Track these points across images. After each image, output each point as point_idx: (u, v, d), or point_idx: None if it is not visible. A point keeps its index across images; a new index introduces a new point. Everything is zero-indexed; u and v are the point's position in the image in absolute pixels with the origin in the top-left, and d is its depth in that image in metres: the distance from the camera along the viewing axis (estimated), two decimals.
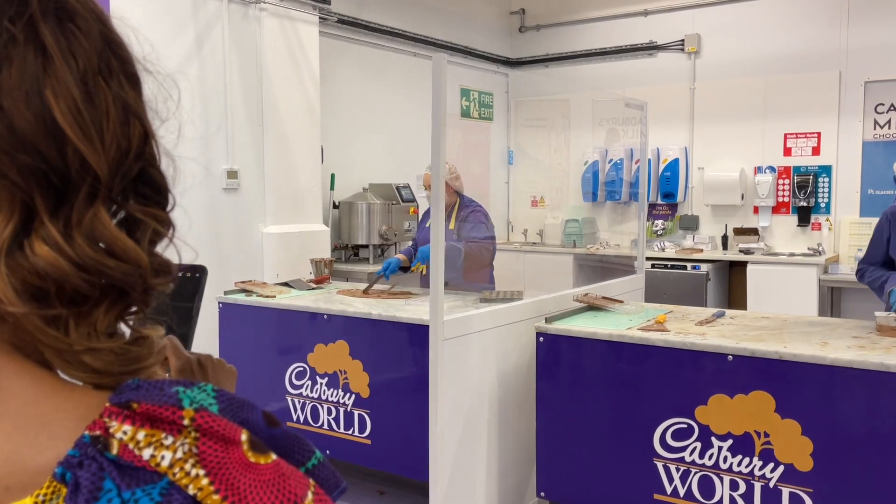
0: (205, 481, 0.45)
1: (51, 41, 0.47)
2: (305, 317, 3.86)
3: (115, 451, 0.45)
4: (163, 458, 0.45)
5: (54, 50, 0.47)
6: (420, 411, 3.39)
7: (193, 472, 0.45)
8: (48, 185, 0.47)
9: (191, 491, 0.44)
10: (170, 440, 0.45)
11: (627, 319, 3.30)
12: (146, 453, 0.45)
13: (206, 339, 4.77)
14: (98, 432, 0.45)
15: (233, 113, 5.03)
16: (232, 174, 5.03)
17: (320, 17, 5.64)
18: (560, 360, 3.17)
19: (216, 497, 0.45)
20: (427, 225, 4.50)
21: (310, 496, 0.48)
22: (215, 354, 3.45)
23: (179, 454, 0.45)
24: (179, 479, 0.44)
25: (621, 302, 3.60)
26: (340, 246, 6.10)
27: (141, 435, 0.45)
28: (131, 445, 0.45)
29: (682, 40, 7.25)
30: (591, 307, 3.55)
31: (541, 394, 3.22)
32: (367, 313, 3.61)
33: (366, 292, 4.25)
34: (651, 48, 7.43)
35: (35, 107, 0.46)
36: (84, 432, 0.45)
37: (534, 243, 7.95)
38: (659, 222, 7.44)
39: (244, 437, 0.47)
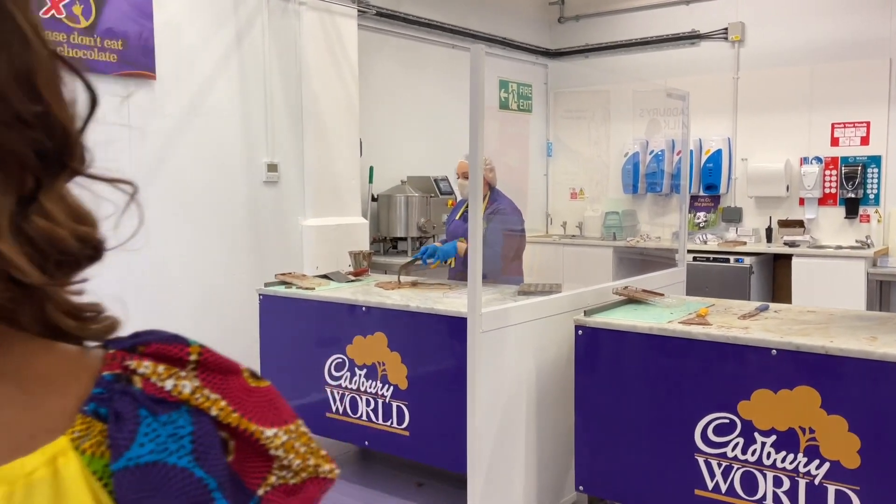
0: (223, 403, 0.51)
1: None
2: (344, 309, 3.89)
3: (139, 384, 0.50)
4: (184, 386, 0.51)
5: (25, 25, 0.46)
6: (458, 403, 3.39)
7: (213, 396, 0.51)
8: (37, 156, 0.48)
9: (213, 412, 0.51)
10: (184, 372, 0.52)
11: (668, 313, 3.26)
12: (168, 384, 0.50)
13: (246, 330, 4.84)
14: (118, 371, 0.51)
15: (272, 107, 5.08)
16: (272, 167, 5.08)
17: (359, 11, 5.66)
18: (599, 354, 3.14)
19: (235, 415, 0.52)
20: (456, 218, 4.49)
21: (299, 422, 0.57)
22: (256, 346, 3.51)
23: (197, 383, 0.51)
24: (202, 404, 0.50)
25: (662, 295, 3.55)
26: (379, 238, 6.13)
27: (161, 368, 0.51)
28: (154, 378, 0.51)
29: (726, 29, 7.11)
30: (631, 300, 3.51)
31: (579, 387, 3.19)
32: (405, 305, 3.62)
33: (399, 276, 4.27)
34: (693, 37, 7.30)
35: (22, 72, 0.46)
36: (102, 372, 0.50)
37: (573, 236, 7.89)
38: (701, 214, 7.32)
39: (243, 367, 0.55)
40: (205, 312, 4.75)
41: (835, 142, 6.62)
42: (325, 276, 4.51)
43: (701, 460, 2.88)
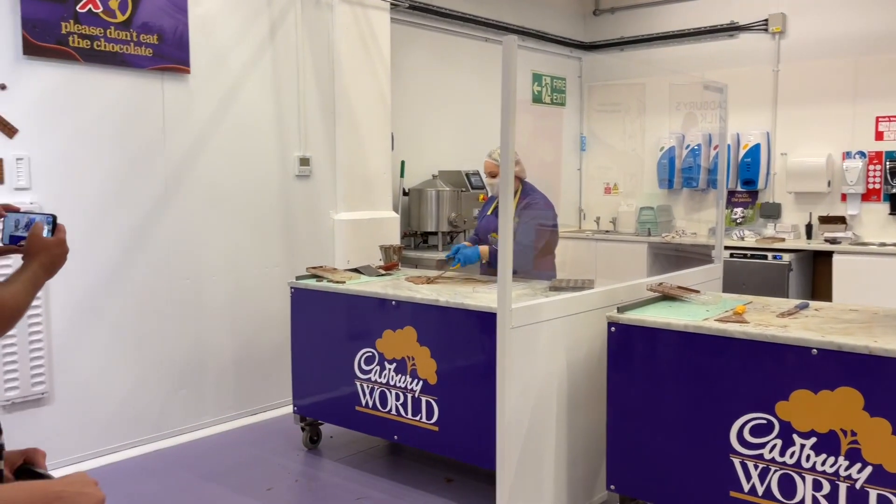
0: None
1: None
2: (374, 303, 3.87)
3: None
4: None
5: None
6: (488, 399, 3.36)
7: None
8: None
9: None
10: None
11: (704, 310, 3.18)
12: None
13: (278, 322, 4.87)
14: None
15: (305, 100, 5.09)
16: (304, 161, 5.09)
17: (392, 4, 5.63)
18: (632, 351, 3.08)
19: None
20: (489, 213, 4.45)
21: None
22: (287, 338, 3.53)
23: None
24: None
25: (697, 292, 3.47)
26: (410, 233, 6.11)
27: None
28: None
29: (766, 20, 6.94)
30: (666, 297, 3.43)
31: (612, 385, 3.13)
32: (435, 300, 3.59)
33: (443, 273, 4.26)
34: (732, 29, 7.14)
35: None
36: None
37: (606, 231, 7.79)
38: (738, 210, 7.17)
39: None
40: (237, 305, 4.78)
41: (879, 136, 6.43)
42: (355, 270, 4.50)
43: (737, 461, 2.80)
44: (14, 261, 1.66)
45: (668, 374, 2.98)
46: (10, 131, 3.79)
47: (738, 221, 7.12)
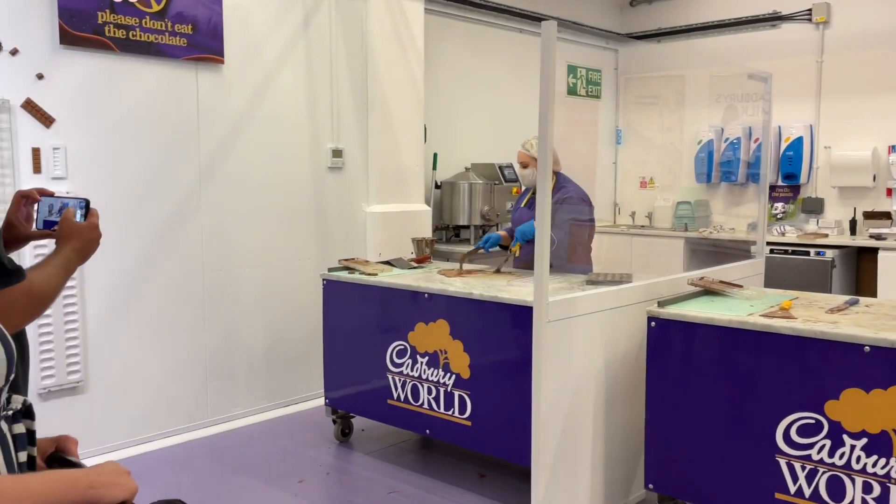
0: None
1: None
2: (407, 295, 3.82)
3: None
4: None
5: None
6: (522, 394, 3.29)
7: None
8: None
9: None
10: None
11: (748, 305, 3.07)
12: None
13: (310, 314, 4.84)
14: None
15: (338, 91, 5.05)
16: (337, 153, 5.05)
17: None
18: (673, 347, 2.98)
19: None
20: (522, 205, 4.36)
21: None
22: (318, 330, 3.50)
23: None
24: None
25: (741, 287, 3.36)
26: (441, 226, 6.05)
27: None
28: None
29: (810, 10, 6.75)
30: (708, 292, 3.33)
31: (651, 381, 3.04)
32: (469, 293, 3.53)
33: (461, 264, 4.18)
34: (774, 19, 6.96)
35: None
36: None
37: (642, 226, 7.65)
38: (779, 205, 6.99)
39: None
40: (270, 296, 4.77)
41: None
42: (387, 263, 4.45)
43: (783, 462, 2.70)
44: (50, 245, 1.63)
45: (711, 370, 2.88)
46: (48, 121, 3.81)
47: (778, 217, 6.94)
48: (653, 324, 3.03)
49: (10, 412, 1.14)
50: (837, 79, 6.65)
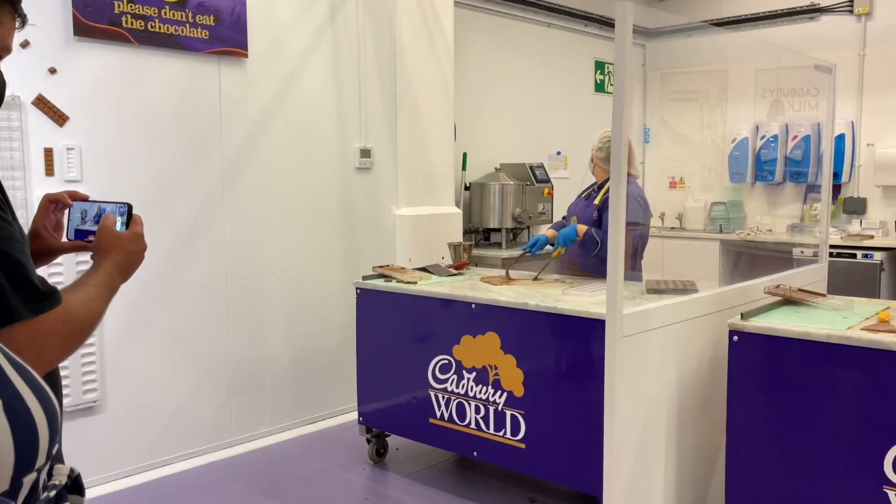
0: None
1: None
2: (451, 305, 3.53)
3: None
4: None
5: None
6: (584, 414, 3.00)
7: None
8: None
9: None
10: None
11: (840, 317, 2.78)
12: None
13: (340, 324, 4.56)
14: None
15: (366, 87, 4.76)
16: (365, 153, 4.76)
17: None
18: (760, 364, 2.68)
19: None
20: (583, 196, 4.09)
21: None
22: (348, 342, 3.21)
23: None
24: None
25: (823, 295, 3.07)
26: (471, 229, 5.76)
27: None
28: None
29: (851, 0, 6.45)
30: (788, 301, 3.03)
31: (734, 402, 2.74)
32: (523, 304, 3.23)
33: (507, 271, 3.90)
34: (813, 11, 6.66)
35: None
36: None
37: (672, 228, 7.36)
38: (818, 205, 6.68)
39: None
40: (296, 305, 4.47)
41: None
42: (423, 269, 4.16)
43: (892, 494, 2.40)
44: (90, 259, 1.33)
45: (805, 391, 2.59)
46: (61, 119, 3.51)
47: (818, 218, 6.64)
48: (735, 338, 2.73)
49: (54, 491, 0.84)
50: (881, 73, 6.36)
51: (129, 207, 1.36)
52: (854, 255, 5.92)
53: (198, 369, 4.05)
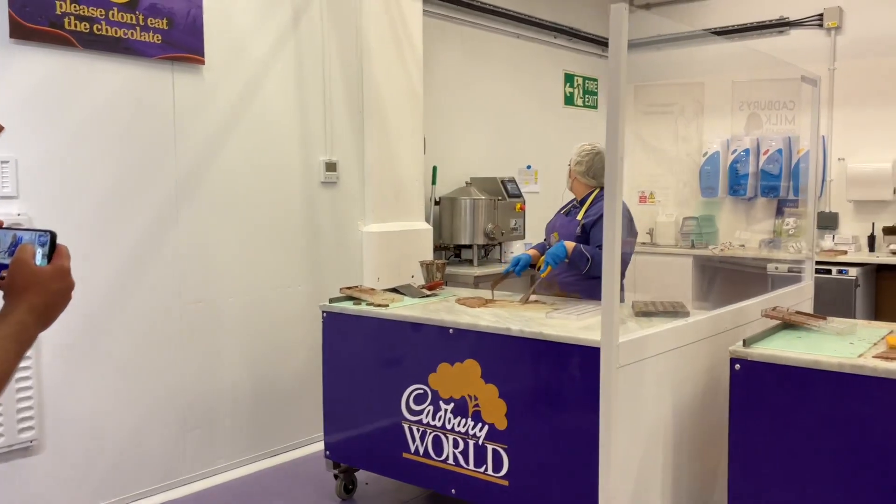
0: None
1: None
2: (426, 330, 3.28)
3: None
4: None
5: None
6: (573, 449, 2.77)
7: None
8: None
9: None
10: None
11: (846, 343, 2.60)
12: None
13: (303, 349, 4.27)
14: None
15: (332, 97, 4.50)
16: (330, 166, 4.49)
17: None
18: (765, 395, 2.49)
19: None
20: (562, 212, 3.86)
21: None
22: (312, 368, 2.96)
23: None
24: None
25: (823, 318, 2.89)
26: (441, 246, 5.51)
27: None
28: None
29: (821, 15, 6.42)
30: (787, 324, 2.85)
31: (737, 435, 2.54)
32: (506, 329, 3.00)
33: (493, 291, 3.68)
34: (783, 25, 6.61)
35: None
36: None
37: (643, 243, 7.21)
38: (790, 220, 6.62)
39: None
40: (256, 330, 4.17)
41: None
42: (394, 290, 3.90)
43: None
44: None
45: (815, 423, 2.39)
46: None
47: (790, 232, 6.57)
48: (737, 366, 2.53)
49: None
50: (851, 87, 6.32)
51: (52, 236, 1.08)
52: (829, 272, 5.83)
53: (148, 401, 3.72)
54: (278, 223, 4.27)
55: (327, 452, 3.70)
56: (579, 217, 3.68)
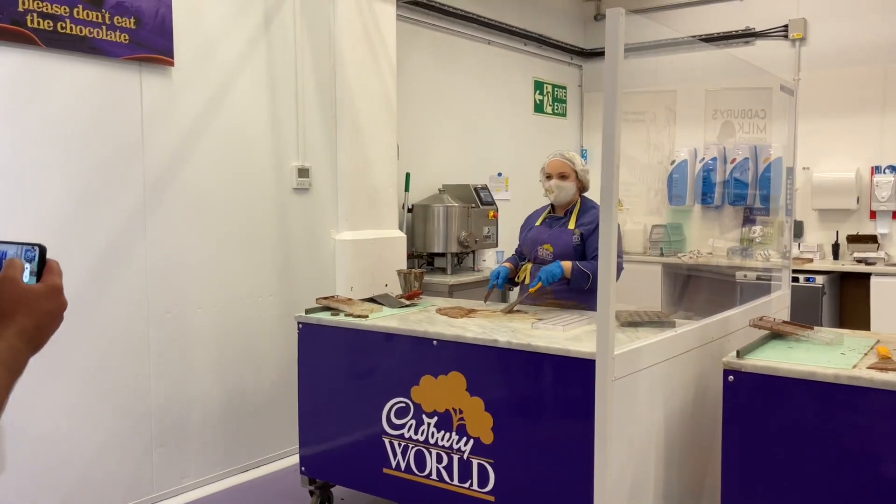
0: None
1: None
2: (409, 342, 3.18)
3: None
4: None
5: None
6: (563, 463, 2.71)
7: None
8: None
9: None
10: None
11: (838, 353, 2.58)
12: None
13: (276, 362, 4.15)
14: None
15: (304, 101, 4.38)
16: (303, 172, 4.37)
17: None
18: (760, 408, 2.45)
19: None
20: (538, 223, 3.79)
21: None
22: (285, 380, 2.89)
23: None
24: None
25: (810, 328, 2.88)
26: (414, 254, 5.42)
27: None
28: None
29: (786, 26, 6.51)
30: (775, 334, 2.83)
31: (730, 447, 2.50)
32: (492, 340, 2.92)
33: (486, 301, 3.62)
34: (749, 35, 6.70)
35: None
36: None
37: None
38: (757, 229, 6.69)
39: None
40: (227, 339, 4.03)
41: None
42: (372, 300, 3.80)
43: None
44: None
45: (813, 436, 2.37)
46: None
47: (757, 241, 6.64)
48: (731, 378, 2.49)
49: None
50: (815, 98, 6.41)
51: (42, 251, 0.97)
52: (796, 280, 5.89)
53: (113, 418, 3.55)
54: (249, 231, 4.13)
55: (302, 468, 3.57)
56: (571, 226, 3.61)
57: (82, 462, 3.43)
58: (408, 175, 5.36)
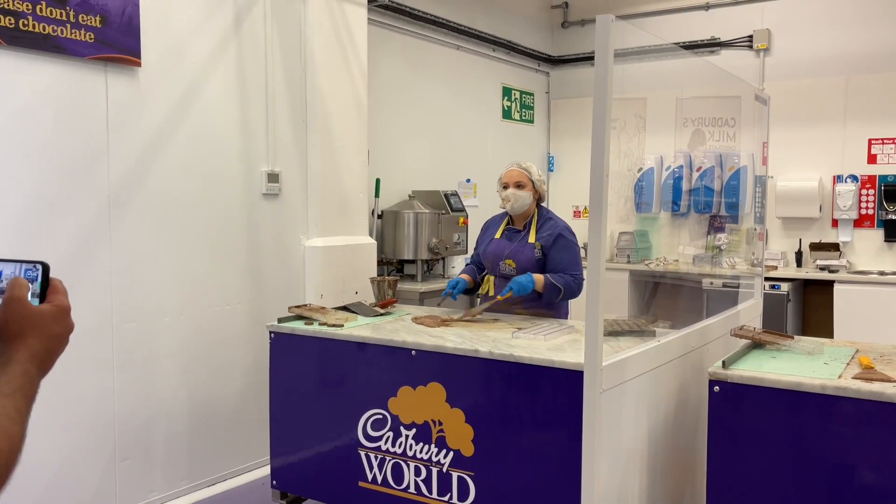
0: None
1: None
2: (386, 352, 3.11)
3: None
4: None
5: None
6: (546, 476, 2.67)
7: None
8: None
9: None
10: None
11: (821, 362, 2.59)
12: None
13: (245, 372, 4.04)
14: None
15: (274, 105, 4.28)
16: (273, 177, 4.27)
17: None
18: (746, 417, 2.44)
19: None
20: (497, 236, 3.75)
21: None
22: (255, 391, 2.87)
23: None
24: None
25: (791, 337, 2.89)
26: (384, 261, 5.35)
27: None
28: None
29: (750, 36, 6.62)
30: (756, 344, 2.83)
31: (715, 461, 2.49)
32: (473, 350, 2.87)
33: (476, 313, 3.55)
34: (713, 45, 6.79)
35: None
36: None
37: None
38: (721, 236, 6.76)
39: None
40: (194, 349, 3.90)
41: (872, 159, 6.16)
42: (345, 309, 3.72)
43: None
44: None
45: (800, 446, 2.36)
46: None
47: (721, 248, 6.71)
48: (717, 388, 2.48)
49: None
50: (779, 107, 6.50)
51: (45, 269, 0.89)
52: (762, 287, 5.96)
53: (75, 431, 3.40)
54: (217, 237, 4.01)
55: (274, 481, 3.47)
56: (531, 239, 3.58)
57: (43, 477, 3.27)
58: (378, 180, 5.28)
